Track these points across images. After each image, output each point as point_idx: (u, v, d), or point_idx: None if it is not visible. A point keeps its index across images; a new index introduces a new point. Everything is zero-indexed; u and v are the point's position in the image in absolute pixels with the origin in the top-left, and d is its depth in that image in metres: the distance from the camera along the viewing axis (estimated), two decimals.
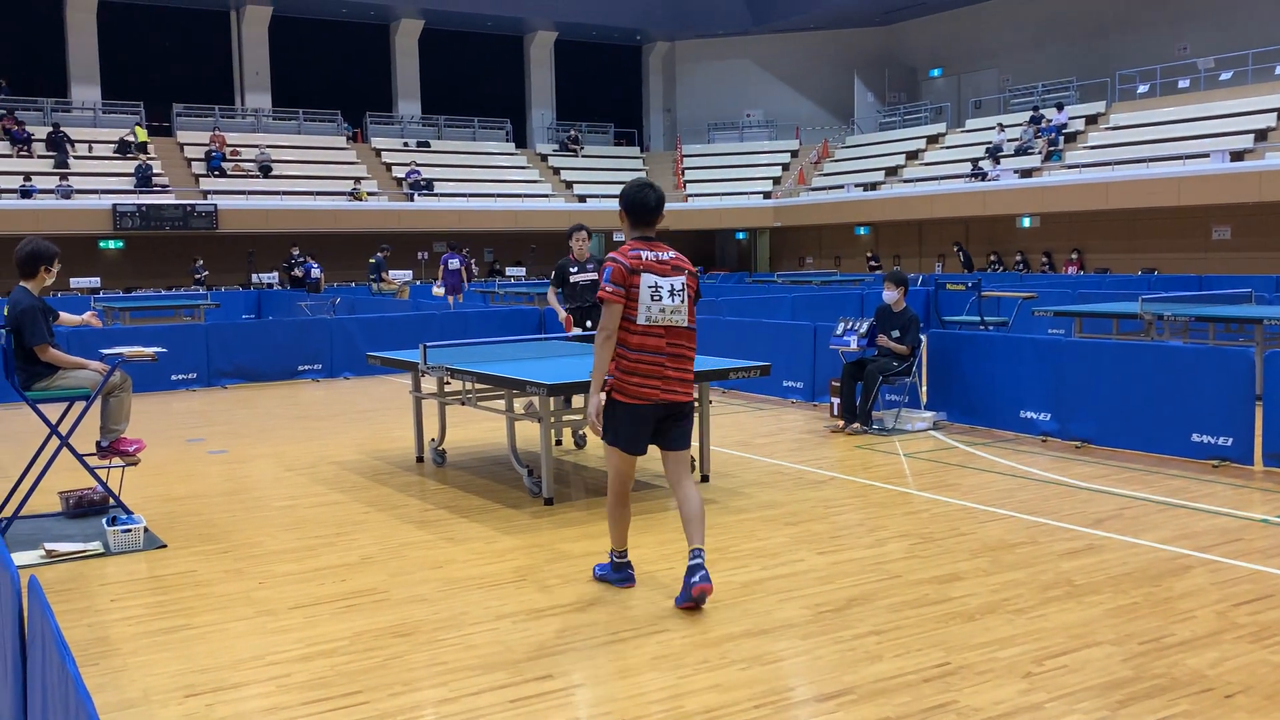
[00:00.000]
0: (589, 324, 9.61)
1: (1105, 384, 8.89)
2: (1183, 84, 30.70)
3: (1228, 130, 27.13)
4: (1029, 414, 9.49)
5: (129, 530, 6.39)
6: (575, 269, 9.79)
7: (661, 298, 5.14)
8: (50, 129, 31.97)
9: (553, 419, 7.52)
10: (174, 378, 13.88)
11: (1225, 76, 29.77)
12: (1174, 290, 17.77)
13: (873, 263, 34.49)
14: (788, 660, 4.51)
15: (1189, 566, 5.66)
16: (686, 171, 40.35)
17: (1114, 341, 10.34)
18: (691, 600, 5.07)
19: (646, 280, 5.12)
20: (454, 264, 22.97)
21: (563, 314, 9.96)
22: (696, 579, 5.04)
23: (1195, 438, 8.26)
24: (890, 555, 5.96)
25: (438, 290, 23.25)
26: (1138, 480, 7.76)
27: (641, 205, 5.30)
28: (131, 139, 32.86)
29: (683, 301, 5.20)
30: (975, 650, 4.56)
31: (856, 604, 5.16)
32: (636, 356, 5.14)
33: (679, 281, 5.21)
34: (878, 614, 5.02)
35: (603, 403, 5.24)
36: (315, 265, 27.03)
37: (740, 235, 41.37)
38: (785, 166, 40.23)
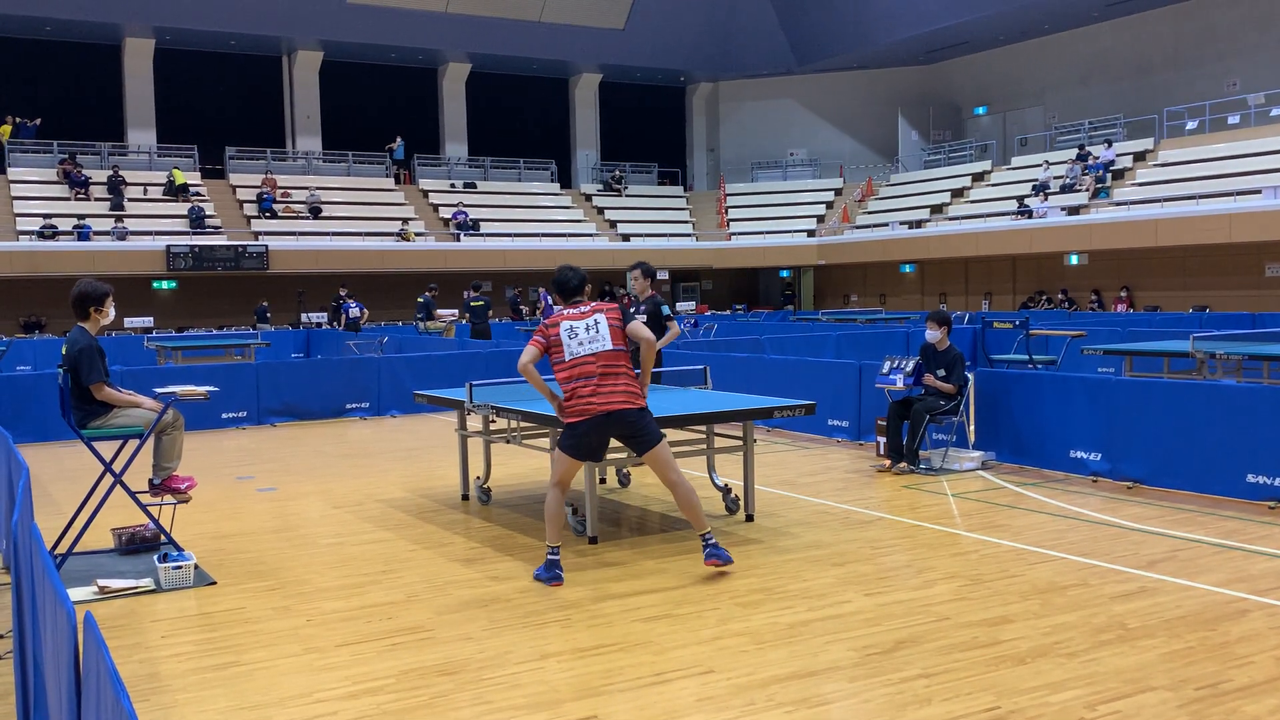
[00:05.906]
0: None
1: (1157, 424, 8.76)
2: (1232, 120, 30.36)
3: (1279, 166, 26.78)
4: (1079, 454, 9.36)
5: (180, 567, 6.47)
6: (634, 308, 9.65)
7: (577, 334, 6.38)
8: (110, 172, 32.72)
9: None
10: (224, 415, 14.08)
11: (1276, 112, 29.41)
12: (1226, 328, 17.51)
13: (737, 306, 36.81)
14: (835, 703, 4.46)
15: (1246, 610, 5.54)
16: (730, 210, 40.46)
17: (1166, 380, 10.19)
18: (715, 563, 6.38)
19: (564, 327, 6.42)
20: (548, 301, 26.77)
21: None
22: (706, 554, 6.36)
23: (1250, 478, 8.11)
24: (939, 597, 5.89)
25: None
26: (1191, 522, 7.62)
27: (563, 285, 6.70)
28: (170, 181, 33.46)
29: (599, 331, 6.38)
30: (1026, 694, 4.49)
31: (905, 646, 5.10)
32: (572, 386, 6.34)
33: (594, 319, 6.43)
34: (926, 656, 4.95)
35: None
36: (353, 305, 27.40)
37: (784, 273, 41.35)
38: (829, 204, 40.21)
